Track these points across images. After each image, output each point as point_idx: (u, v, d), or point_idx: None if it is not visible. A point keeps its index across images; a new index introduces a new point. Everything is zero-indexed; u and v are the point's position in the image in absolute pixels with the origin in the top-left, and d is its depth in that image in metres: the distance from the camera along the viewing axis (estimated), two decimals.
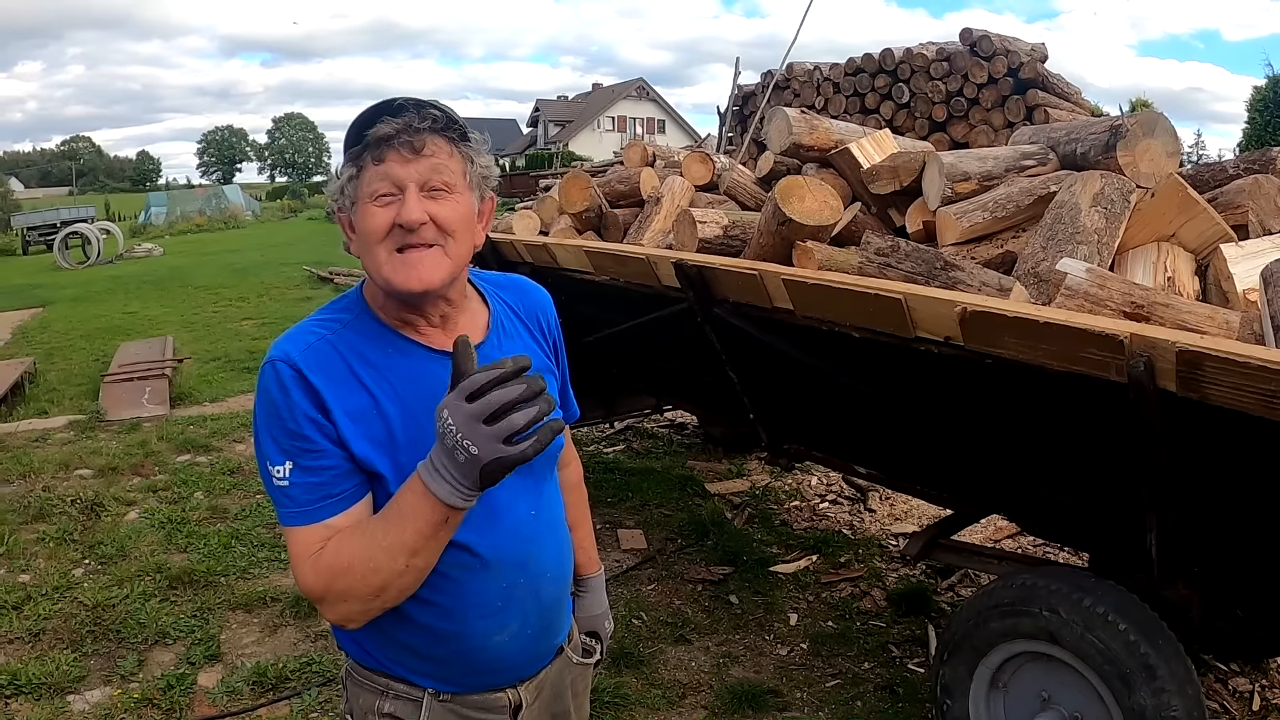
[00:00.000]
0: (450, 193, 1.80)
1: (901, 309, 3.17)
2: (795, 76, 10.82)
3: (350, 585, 1.72)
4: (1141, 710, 2.99)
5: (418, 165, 1.76)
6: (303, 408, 1.75)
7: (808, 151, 5.02)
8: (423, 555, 1.70)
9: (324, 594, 1.74)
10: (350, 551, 1.71)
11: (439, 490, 1.62)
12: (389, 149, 1.75)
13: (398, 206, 1.75)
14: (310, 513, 1.76)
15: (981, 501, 4.29)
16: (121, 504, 6.96)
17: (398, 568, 1.70)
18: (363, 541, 1.71)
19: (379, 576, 1.71)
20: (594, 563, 2.52)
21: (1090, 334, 2.69)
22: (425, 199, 1.77)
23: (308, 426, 1.75)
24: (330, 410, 1.76)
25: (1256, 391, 2.44)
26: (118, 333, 14.46)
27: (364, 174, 1.79)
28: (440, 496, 1.62)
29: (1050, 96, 9.34)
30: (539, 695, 2.12)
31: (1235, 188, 3.78)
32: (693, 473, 7.56)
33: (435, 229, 1.78)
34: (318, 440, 1.75)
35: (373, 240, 1.79)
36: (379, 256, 1.79)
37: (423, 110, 1.78)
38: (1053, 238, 3.46)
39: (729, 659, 4.82)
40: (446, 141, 1.80)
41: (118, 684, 4.58)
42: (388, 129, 1.75)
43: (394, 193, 1.76)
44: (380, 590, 1.72)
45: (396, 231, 1.76)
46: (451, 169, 1.80)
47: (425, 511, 1.65)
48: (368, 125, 1.77)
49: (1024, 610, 3.29)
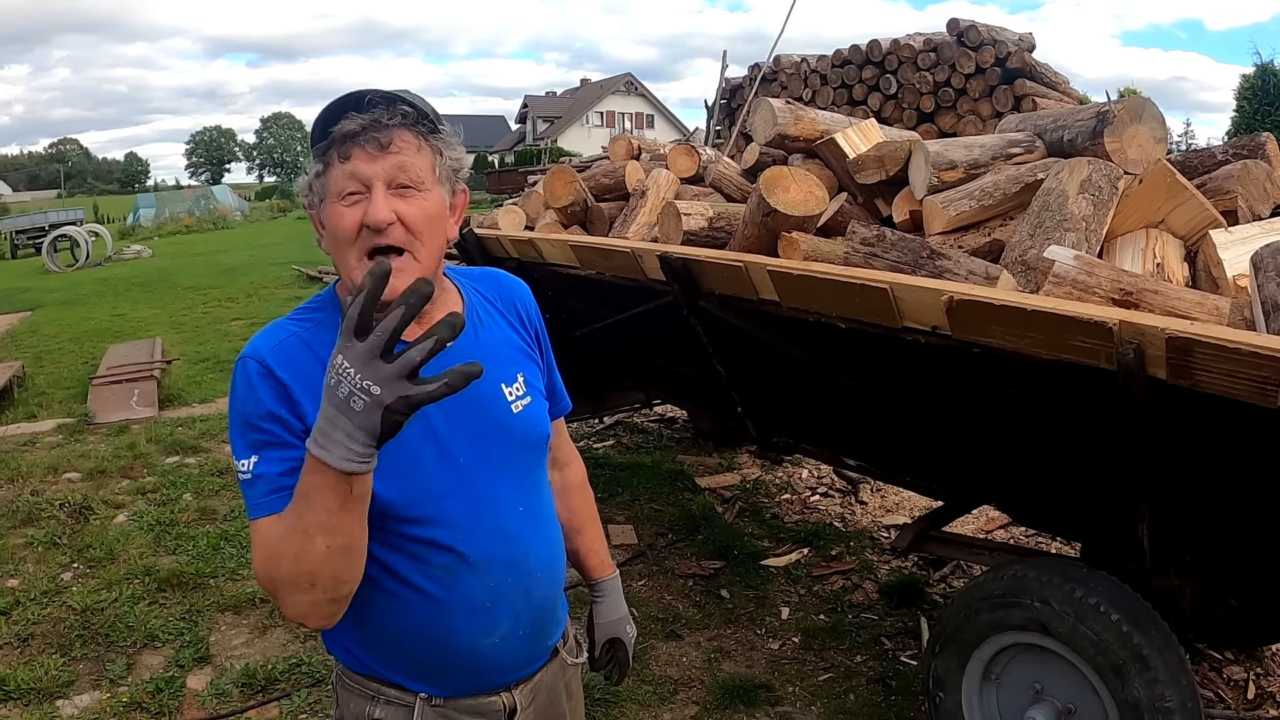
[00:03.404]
0: (419, 190, 1.77)
1: (888, 299, 3.15)
2: (782, 69, 10.81)
3: (284, 574, 1.64)
4: (1135, 701, 2.98)
5: (384, 162, 1.73)
6: (267, 403, 1.72)
7: (793, 142, 5.00)
8: (340, 534, 1.60)
9: (269, 585, 1.68)
10: (277, 539, 1.64)
11: (330, 457, 1.50)
12: (355, 146, 1.73)
13: (365, 205, 1.72)
14: (268, 504, 1.69)
15: (972, 493, 4.28)
16: (110, 507, 6.92)
17: (319, 551, 1.60)
18: (283, 528, 1.62)
19: (305, 562, 1.61)
20: (607, 565, 2.48)
21: (1078, 321, 2.67)
22: (393, 196, 1.74)
23: (270, 421, 1.72)
24: (299, 403, 1.73)
25: (1247, 377, 2.42)
26: (106, 335, 14.40)
27: (330, 171, 1.76)
28: (332, 464, 1.50)
29: (1038, 86, 9.33)
30: (534, 699, 2.08)
31: (1224, 173, 3.77)
32: (683, 467, 7.54)
33: (403, 229, 1.75)
34: (279, 434, 1.71)
35: (343, 241, 1.76)
36: (349, 260, 1.76)
37: (391, 105, 1.75)
38: (1040, 225, 3.44)
39: (720, 654, 4.79)
40: (415, 135, 1.78)
41: (107, 688, 4.56)
42: (353, 125, 1.73)
43: (361, 190, 1.73)
44: (312, 577, 1.63)
45: (365, 232, 1.74)
46: (420, 165, 1.77)
47: (325, 486, 1.54)
48: (333, 120, 1.75)
49: (1015, 601, 3.27)
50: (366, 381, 1.43)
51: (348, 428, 1.47)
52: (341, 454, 1.49)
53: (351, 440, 1.48)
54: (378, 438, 1.48)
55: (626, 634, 2.48)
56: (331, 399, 1.47)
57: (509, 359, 2.02)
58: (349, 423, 1.47)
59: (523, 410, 1.98)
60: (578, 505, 2.41)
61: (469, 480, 1.86)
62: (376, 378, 1.42)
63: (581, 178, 5.96)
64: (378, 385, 1.43)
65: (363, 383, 1.43)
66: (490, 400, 1.93)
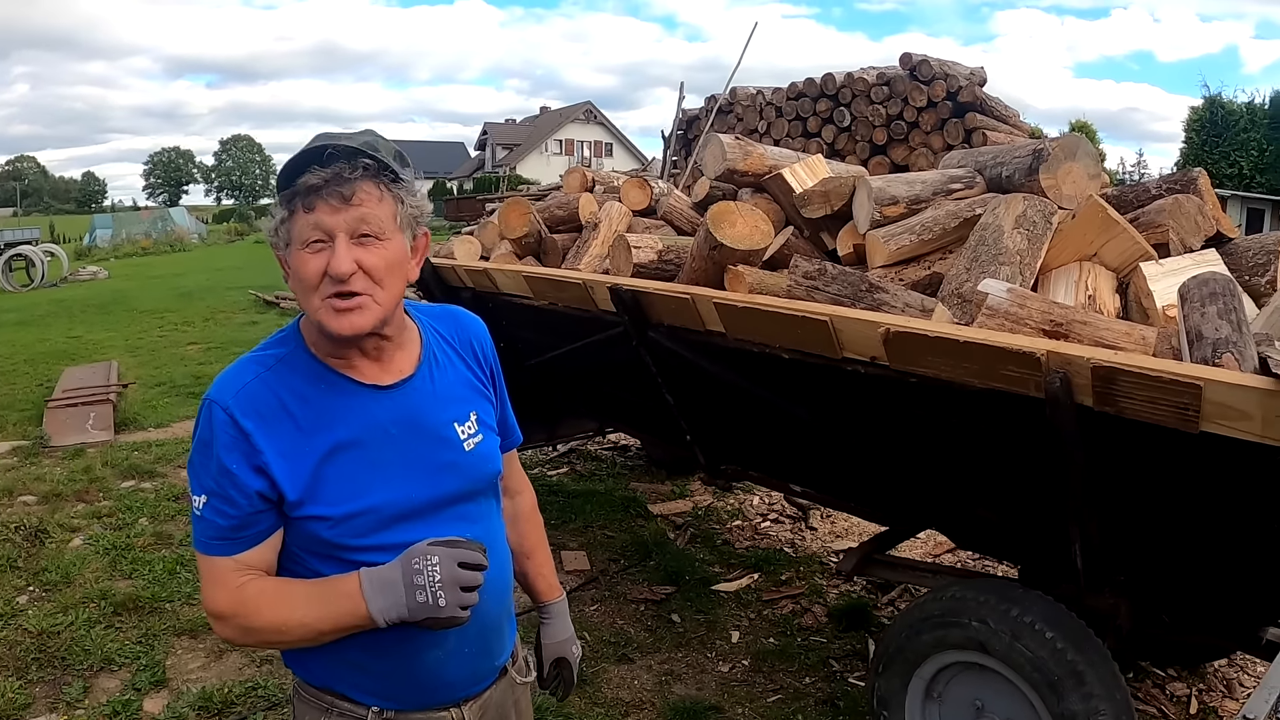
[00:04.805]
0: (380, 239, 1.84)
1: (828, 330, 3.25)
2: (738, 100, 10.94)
3: (255, 628, 1.88)
4: (1071, 716, 3.08)
5: (346, 215, 1.80)
6: (223, 456, 1.83)
7: (742, 177, 5.09)
8: (331, 636, 1.87)
9: (226, 621, 1.88)
10: (269, 609, 1.86)
11: (376, 606, 1.79)
12: (318, 198, 1.79)
13: (329, 254, 1.79)
14: (220, 546, 1.86)
15: (914, 517, 4.38)
16: (66, 530, 6.87)
17: (303, 638, 1.88)
18: (284, 608, 1.86)
19: (284, 637, 1.89)
20: (555, 589, 2.55)
21: (1008, 352, 2.78)
22: (355, 246, 1.81)
23: (222, 475, 1.84)
24: (262, 451, 1.83)
25: (1169, 404, 2.54)
26: (62, 357, 14.24)
27: (295, 219, 1.82)
28: (373, 611, 1.79)
29: (989, 119, 9.49)
30: (483, 715, 2.16)
31: (1156, 207, 3.87)
32: (635, 494, 7.59)
33: (364, 277, 1.82)
34: (227, 489, 1.84)
35: (307, 286, 1.83)
36: (314, 302, 1.84)
37: (353, 160, 1.81)
38: (976, 259, 3.54)
39: (671, 677, 4.86)
40: (376, 186, 1.84)
41: (64, 711, 4.55)
42: (316, 179, 1.79)
43: (325, 239, 1.80)
44: (279, 644, 1.94)
45: (328, 280, 1.81)
46: (381, 215, 1.84)
47: (351, 611, 1.82)
48: (298, 173, 1.81)
49: (954, 621, 3.38)
50: (440, 593, 1.77)
51: (402, 603, 1.79)
52: (382, 610, 1.80)
53: (396, 610, 1.79)
54: (413, 622, 1.80)
55: (572, 654, 2.54)
56: (406, 573, 1.79)
57: (463, 398, 2.11)
58: (405, 601, 1.78)
59: (474, 448, 2.06)
60: (527, 532, 2.48)
61: (421, 513, 1.95)
62: (450, 596, 1.77)
63: (536, 208, 6.04)
64: (445, 599, 1.77)
65: (438, 592, 1.77)
66: (443, 438, 2.02)
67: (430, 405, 2.02)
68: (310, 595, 1.85)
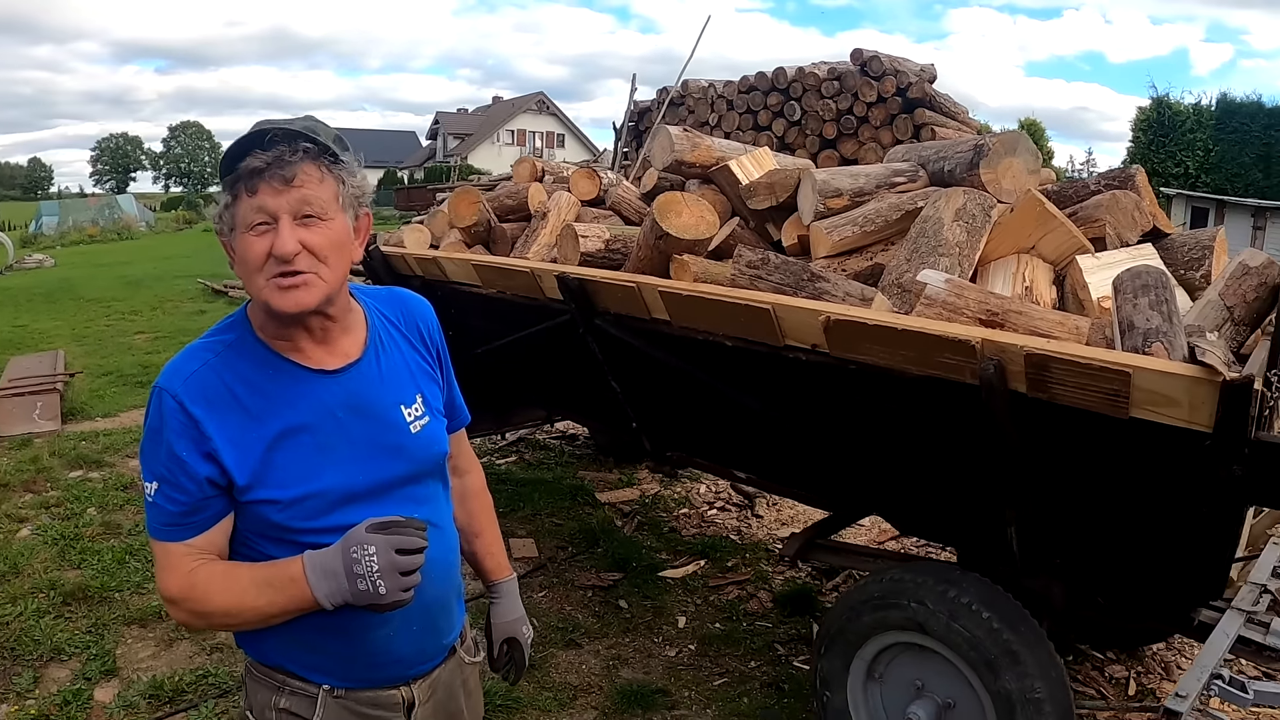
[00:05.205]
0: (323, 219, 1.87)
1: (770, 318, 3.32)
2: (690, 93, 10.99)
3: (206, 612, 1.93)
4: (1007, 693, 3.17)
5: (289, 196, 1.83)
6: (173, 443, 1.87)
7: (690, 168, 5.15)
8: (280, 619, 1.93)
9: (179, 605, 1.93)
10: (219, 594, 1.91)
11: (321, 592, 1.85)
12: (261, 181, 1.82)
13: (273, 236, 1.83)
14: (172, 532, 1.91)
15: (855, 503, 4.46)
16: (13, 521, 6.83)
17: (254, 620, 1.94)
18: (233, 594, 1.91)
19: (233, 620, 1.96)
20: (504, 568, 2.58)
21: (944, 340, 2.86)
22: (298, 227, 1.84)
23: (171, 461, 1.88)
24: (211, 438, 1.87)
25: (1099, 390, 2.63)
26: (7, 346, 14.05)
27: (239, 203, 1.85)
28: (318, 597, 1.85)
29: (937, 115, 9.60)
30: (432, 694, 2.20)
31: (1094, 203, 3.95)
32: (583, 482, 7.64)
33: (309, 256, 1.86)
34: (177, 476, 1.88)
35: (252, 268, 1.86)
36: (258, 282, 1.87)
37: (294, 143, 1.84)
38: (916, 250, 3.61)
39: (619, 661, 4.91)
40: (318, 168, 1.87)
41: (14, 701, 4.54)
42: (258, 162, 1.82)
43: (268, 221, 1.83)
44: (231, 626, 2.03)
45: (273, 260, 1.84)
46: (323, 196, 1.87)
47: (297, 596, 1.87)
48: (239, 157, 1.84)
49: (893, 603, 3.45)
50: (380, 581, 1.81)
51: (345, 589, 1.84)
52: (324, 594, 1.85)
53: (340, 595, 1.85)
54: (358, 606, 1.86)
55: (523, 634, 2.59)
56: (345, 562, 1.84)
57: (409, 381, 2.14)
58: (347, 589, 1.84)
59: (421, 430, 2.10)
60: (476, 511, 2.52)
61: (369, 495, 1.99)
62: (389, 583, 1.82)
63: (486, 198, 6.06)
64: (385, 587, 1.82)
65: (377, 580, 1.81)
66: (390, 421, 2.06)
67: (377, 389, 2.05)
68: (257, 579, 1.89)
